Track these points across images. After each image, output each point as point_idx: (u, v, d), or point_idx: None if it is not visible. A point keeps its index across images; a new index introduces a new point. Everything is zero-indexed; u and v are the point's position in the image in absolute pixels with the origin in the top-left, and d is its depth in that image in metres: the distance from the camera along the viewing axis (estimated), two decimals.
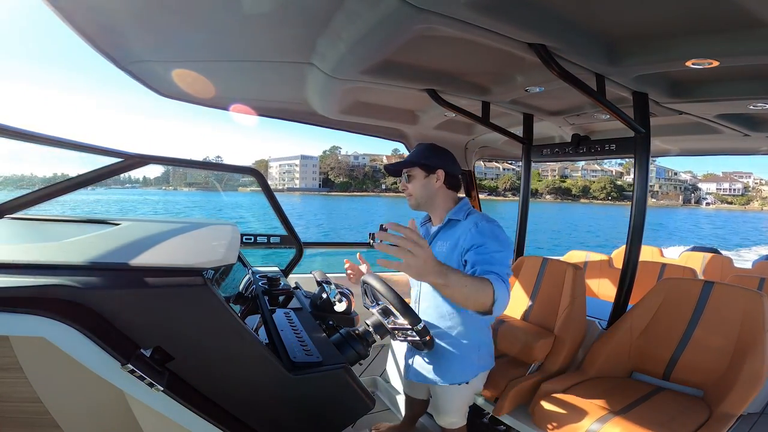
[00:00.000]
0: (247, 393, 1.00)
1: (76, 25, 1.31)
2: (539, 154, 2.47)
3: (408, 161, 1.50)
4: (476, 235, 1.33)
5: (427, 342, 1.30)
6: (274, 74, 1.83)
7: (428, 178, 1.48)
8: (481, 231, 1.35)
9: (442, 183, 1.48)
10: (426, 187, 1.49)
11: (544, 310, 2.11)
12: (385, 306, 1.35)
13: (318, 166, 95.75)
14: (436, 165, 1.47)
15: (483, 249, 1.28)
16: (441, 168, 1.47)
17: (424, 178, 1.48)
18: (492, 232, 1.35)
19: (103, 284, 0.84)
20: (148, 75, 1.80)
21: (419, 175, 1.48)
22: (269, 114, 2.43)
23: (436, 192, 1.50)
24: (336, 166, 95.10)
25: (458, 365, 1.50)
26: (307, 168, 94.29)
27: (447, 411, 1.59)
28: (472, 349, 1.51)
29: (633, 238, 1.90)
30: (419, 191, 1.49)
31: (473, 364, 1.52)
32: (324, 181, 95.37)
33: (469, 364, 1.51)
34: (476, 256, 1.27)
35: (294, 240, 2.40)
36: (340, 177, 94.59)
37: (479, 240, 1.31)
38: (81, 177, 1.66)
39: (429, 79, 1.80)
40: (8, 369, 0.93)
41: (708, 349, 1.68)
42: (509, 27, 1.22)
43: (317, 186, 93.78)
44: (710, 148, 3.07)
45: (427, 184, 1.49)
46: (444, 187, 1.50)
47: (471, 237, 1.34)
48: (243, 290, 1.49)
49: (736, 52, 1.31)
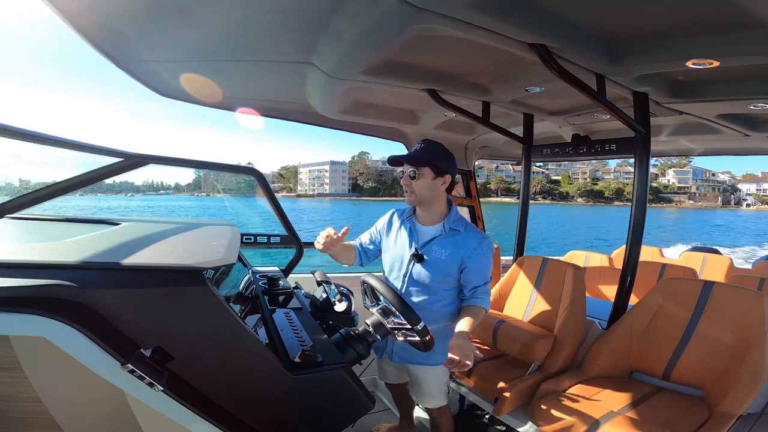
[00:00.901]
0: (247, 393, 1.00)
1: (76, 25, 1.31)
2: (539, 154, 2.47)
3: (423, 159, 1.49)
4: (481, 256, 1.52)
5: (427, 342, 1.30)
6: (274, 74, 1.83)
7: (436, 180, 1.50)
8: (485, 252, 1.52)
9: (443, 187, 1.53)
10: (431, 188, 1.51)
11: (544, 310, 2.11)
12: (385, 306, 1.35)
13: (347, 171, 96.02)
14: (447, 170, 1.51)
15: (486, 269, 1.54)
16: (449, 173, 1.52)
17: (432, 180, 1.50)
18: (490, 249, 1.56)
19: (103, 284, 0.84)
20: (149, 75, 1.80)
21: (428, 175, 1.49)
22: (269, 114, 2.43)
23: (439, 195, 1.54)
24: (365, 171, 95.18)
25: (439, 347, 1.51)
26: (337, 173, 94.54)
27: (431, 392, 1.67)
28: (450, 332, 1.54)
29: (633, 238, 1.90)
30: (424, 191, 1.51)
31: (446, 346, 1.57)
32: (353, 186, 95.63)
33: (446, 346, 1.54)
34: (479, 277, 1.53)
35: (294, 240, 2.40)
36: (368, 182, 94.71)
37: (483, 261, 1.52)
38: (81, 177, 1.66)
39: (429, 79, 1.80)
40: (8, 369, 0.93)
41: (708, 349, 1.68)
42: (509, 27, 1.22)
43: (347, 191, 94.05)
44: (710, 148, 3.07)
45: (433, 186, 1.51)
46: (443, 191, 1.55)
47: (477, 256, 1.51)
48: (243, 290, 1.49)
49: (736, 52, 1.31)
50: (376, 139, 6.66)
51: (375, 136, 2.83)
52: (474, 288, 1.53)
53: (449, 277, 1.54)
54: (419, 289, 1.56)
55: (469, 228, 1.57)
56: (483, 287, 1.53)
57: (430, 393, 1.68)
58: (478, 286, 1.53)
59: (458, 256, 1.51)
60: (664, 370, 1.77)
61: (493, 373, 1.89)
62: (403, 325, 1.30)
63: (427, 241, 1.56)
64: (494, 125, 2.20)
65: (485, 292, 1.54)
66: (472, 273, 1.52)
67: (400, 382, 1.88)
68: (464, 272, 1.52)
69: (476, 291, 1.53)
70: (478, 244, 1.51)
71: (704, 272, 3.70)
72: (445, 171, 1.50)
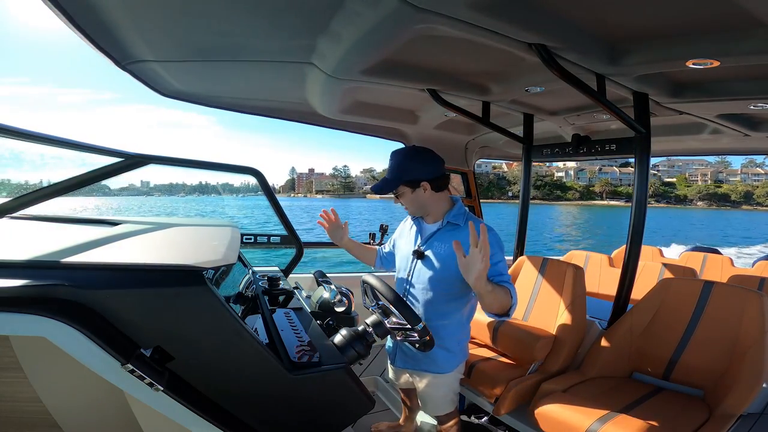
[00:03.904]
0: (247, 393, 1.00)
1: (76, 24, 1.31)
2: (539, 154, 2.47)
3: (392, 184, 1.49)
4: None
5: (427, 342, 1.30)
6: (274, 74, 1.83)
7: (415, 192, 1.50)
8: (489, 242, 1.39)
9: (431, 191, 1.50)
10: (416, 200, 1.51)
11: (544, 310, 2.11)
12: (385, 306, 1.35)
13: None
14: (419, 177, 1.48)
15: (492, 260, 1.36)
16: (425, 179, 1.48)
17: (412, 193, 1.50)
18: (494, 242, 1.40)
19: (103, 284, 0.84)
20: (149, 74, 1.80)
21: (406, 192, 1.50)
22: (269, 114, 2.43)
23: (427, 201, 1.52)
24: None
25: (444, 355, 1.54)
26: None
27: (436, 400, 1.63)
28: (456, 341, 1.55)
29: (633, 238, 1.90)
30: (411, 205, 1.53)
31: (456, 354, 1.57)
32: None
33: (453, 355, 1.56)
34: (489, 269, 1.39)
35: (294, 240, 2.40)
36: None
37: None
38: (81, 177, 1.66)
39: (429, 78, 1.80)
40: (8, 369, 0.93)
41: (708, 349, 1.68)
42: (509, 27, 1.22)
43: None
44: (710, 148, 3.07)
45: (416, 198, 1.51)
46: (433, 194, 1.51)
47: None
48: (243, 290, 1.49)
49: (736, 52, 1.30)
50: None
51: (375, 136, 2.83)
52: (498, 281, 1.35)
53: (449, 274, 1.48)
54: (422, 287, 1.54)
55: (471, 220, 1.49)
56: (496, 278, 1.36)
57: (437, 401, 1.62)
58: (500, 280, 1.35)
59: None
60: (664, 370, 1.77)
61: (493, 373, 1.89)
62: (402, 325, 1.30)
63: (429, 238, 1.55)
64: (494, 125, 2.20)
65: (503, 282, 1.35)
66: None
67: (409, 387, 1.81)
68: None
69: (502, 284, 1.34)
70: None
71: (704, 272, 3.70)
72: (417, 180, 1.47)
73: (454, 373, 1.61)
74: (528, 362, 1.92)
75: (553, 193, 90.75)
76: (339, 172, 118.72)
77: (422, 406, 1.69)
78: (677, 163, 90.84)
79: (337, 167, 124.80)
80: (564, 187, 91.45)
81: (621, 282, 1.98)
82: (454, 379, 1.62)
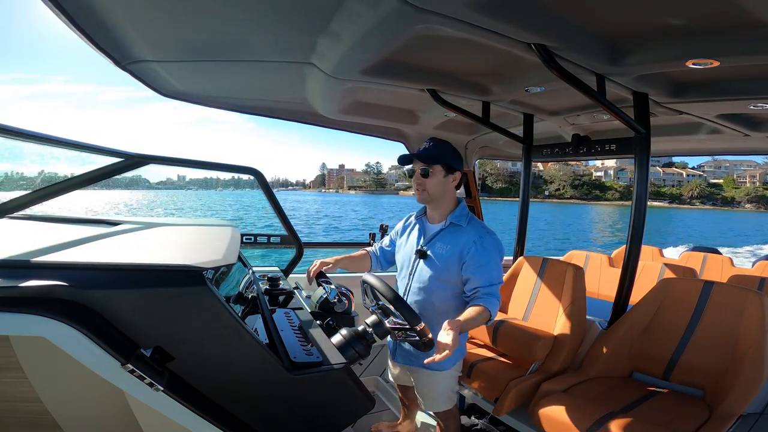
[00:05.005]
0: (247, 393, 1.00)
1: (76, 24, 1.31)
2: (539, 154, 2.47)
3: (435, 157, 1.51)
4: (481, 253, 1.45)
5: (427, 342, 1.30)
6: (274, 74, 1.83)
7: (446, 178, 1.52)
8: (486, 248, 1.46)
9: (454, 184, 1.55)
10: (443, 186, 1.53)
11: (544, 310, 2.11)
12: (385, 306, 1.35)
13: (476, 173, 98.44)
14: (457, 167, 1.53)
15: (487, 267, 1.45)
16: (459, 171, 1.54)
17: (443, 177, 1.52)
18: (494, 247, 1.48)
19: (103, 284, 0.84)
20: (149, 75, 1.80)
21: (439, 173, 1.51)
22: (269, 114, 2.43)
23: (449, 192, 1.55)
24: (494, 172, 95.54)
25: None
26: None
27: (436, 397, 1.65)
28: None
29: (633, 238, 1.90)
30: (436, 189, 1.53)
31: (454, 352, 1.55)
32: (482, 187, 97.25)
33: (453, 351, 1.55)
34: (480, 276, 1.44)
35: (294, 240, 2.40)
36: (498, 183, 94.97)
37: (484, 258, 1.45)
38: (81, 177, 1.66)
39: (429, 79, 1.80)
40: (8, 369, 0.93)
41: (708, 349, 1.68)
42: (509, 27, 1.22)
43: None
44: (710, 148, 3.07)
45: (444, 184, 1.53)
46: (453, 188, 1.56)
47: (476, 253, 1.45)
48: (243, 290, 1.49)
49: (736, 52, 1.31)
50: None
51: (375, 136, 2.83)
52: (475, 288, 1.43)
53: (450, 274, 1.50)
54: (423, 287, 1.55)
55: (473, 223, 1.53)
56: (487, 289, 1.42)
57: (435, 398, 1.65)
58: (480, 287, 1.42)
59: (457, 250, 1.48)
60: (664, 370, 1.77)
61: (493, 373, 1.89)
62: (402, 325, 1.30)
63: (432, 238, 1.56)
64: (494, 125, 2.20)
65: (489, 294, 1.41)
66: (472, 270, 1.44)
67: (408, 384, 1.82)
68: (464, 269, 1.46)
69: (477, 291, 1.43)
70: (478, 238, 1.46)
71: (704, 272, 3.70)
72: (456, 168, 1.53)
73: (452, 371, 1.62)
74: (528, 362, 1.91)
75: (591, 193, 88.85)
76: (371, 169, 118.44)
77: (421, 402, 1.70)
78: (724, 164, 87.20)
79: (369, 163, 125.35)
80: (603, 187, 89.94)
81: (621, 282, 1.98)
82: (452, 376, 1.64)
